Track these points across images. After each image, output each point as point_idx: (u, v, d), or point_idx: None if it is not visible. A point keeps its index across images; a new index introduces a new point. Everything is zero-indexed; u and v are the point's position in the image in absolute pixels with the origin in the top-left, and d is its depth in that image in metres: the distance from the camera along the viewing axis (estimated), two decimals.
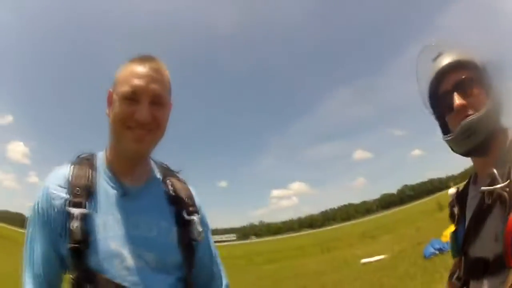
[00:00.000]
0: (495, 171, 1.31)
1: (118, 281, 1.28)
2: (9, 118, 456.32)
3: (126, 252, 1.32)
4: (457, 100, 1.42)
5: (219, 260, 1.69)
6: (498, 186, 1.27)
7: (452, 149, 1.51)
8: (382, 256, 14.54)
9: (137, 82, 1.33)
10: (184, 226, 1.46)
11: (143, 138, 1.36)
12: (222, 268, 1.69)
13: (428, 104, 1.61)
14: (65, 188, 1.35)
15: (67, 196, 1.33)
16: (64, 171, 1.40)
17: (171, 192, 1.52)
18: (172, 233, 1.44)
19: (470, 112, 1.39)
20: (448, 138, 1.48)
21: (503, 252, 1.21)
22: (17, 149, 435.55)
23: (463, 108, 1.40)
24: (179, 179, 1.61)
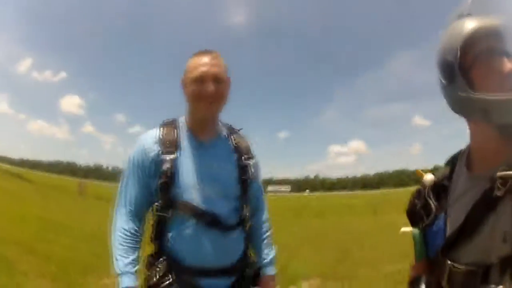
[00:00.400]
0: None
1: (194, 205, 1.92)
2: (62, 75, 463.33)
3: (200, 185, 1.94)
4: (509, 64, 1.16)
5: (263, 196, 2.33)
6: None
7: (480, 115, 1.20)
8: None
9: (202, 69, 1.93)
10: (242, 168, 2.10)
11: (211, 106, 1.98)
12: (266, 203, 2.35)
13: (453, 55, 1.22)
14: (157, 143, 1.97)
15: (160, 148, 1.95)
16: (155, 132, 2.03)
17: (234, 144, 2.14)
18: (234, 173, 2.07)
19: None
20: (493, 97, 1.13)
21: None
22: (72, 102, 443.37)
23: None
24: (239, 135, 2.22)
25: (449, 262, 1.25)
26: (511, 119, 1.12)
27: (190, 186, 1.94)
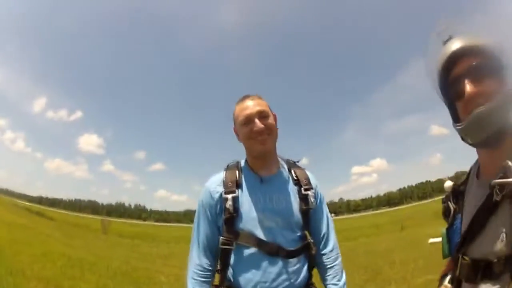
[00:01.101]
0: (510, 163, 1.20)
1: (257, 236, 2.03)
2: (78, 114, 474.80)
3: (262, 217, 2.06)
4: (469, 87, 1.29)
5: (331, 225, 2.35)
6: (511, 180, 1.17)
7: (462, 139, 1.39)
8: None
9: (246, 112, 2.12)
10: (302, 198, 2.17)
11: (265, 141, 2.11)
12: (332, 229, 2.34)
13: (438, 89, 1.45)
14: (221, 185, 2.14)
15: (223, 189, 2.12)
16: (219, 175, 2.21)
17: (294, 176, 2.25)
18: (296, 204, 2.15)
19: (481, 101, 1.26)
20: (459, 127, 1.34)
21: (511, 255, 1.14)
22: (90, 141, 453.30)
23: (474, 96, 1.28)
24: (299, 168, 2.33)
25: (460, 256, 1.41)
26: (472, 141, 1.34)
27: (252, 219, 2.06)
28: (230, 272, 2.09)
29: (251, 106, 2.14)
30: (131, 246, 22.96)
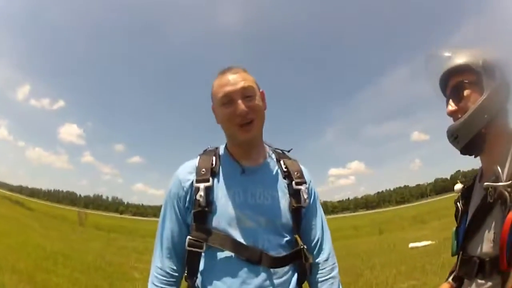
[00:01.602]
0: (498, 168, 1.34)
1: (233, 237, 1.65)
2: (60, 103, 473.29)
3: (241, 215, 1.68)
4: (449, 106, 1.53)
5: (326, 229, 1.96)
6: (501, 184, 1.29)
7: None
8: (428, 242, 14.48)
9: (226, 88, 1.70)
10: (293, 194, 1.79)
11: (249, 128, 1.71)
12: (327, 233, 1.96)
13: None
14: (192, 173, 1.75)
15: (194, 177, 1.73)
16: (193, 162, 1.82)
17: (283, 168, 1.87)
18: (284, 201, 1.78)
19: (460, 116, 1.48)
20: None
21: (499, 255, 1.22)
22: (71, 131, 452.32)
23: (453, 114, 1.52)
24: (290, 159, 1.95)
25: (460, 253, 1.57)
26: (458, 149, 1.52)
27: (228, 216, 1.68)
28: (198, 280, 1.71)
29: (233, 81, 1.72)
30: (107, 239, 22.76)
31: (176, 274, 1.76)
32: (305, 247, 1.80)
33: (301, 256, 1.77)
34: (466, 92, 1.48)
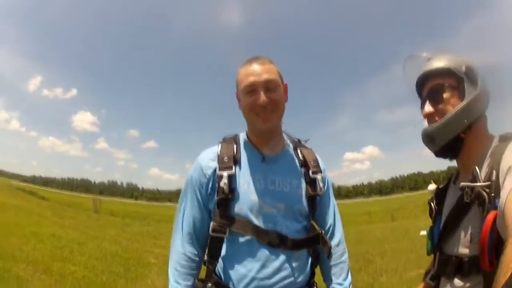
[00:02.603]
0: (477, 169, 1.35)
1: (255, 223, 1.73)
2: (73, 92, 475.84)
3: (262, 202, 1.75)
4: (426, 108, 1.54)
5: (338, 215, 2.05)
6: (478, 184, 1.30)
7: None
8: None
9: (250, 78, 1.75)
10: (310, 183, 1.88)
11: (268, 118, 1.77)
12: (339, 220, 2.05)
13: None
14: (215, 160, 1.82)
15: (217, 165, 1.80)
16: (214, 149, 1.89)
17: (300, 157, 1.95)
18: (301, 189, 1.86)
19: (437, 118, 1.50)
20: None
21: (479, 254, 1.21)
22: (84, 119, 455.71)
23: (429, 116, 1.53)
24: (306, 148, 2.03)
25: (437, 252, 1.59)
26: (432, 151, 1.57)
27: (250, 202, 1.76)
28: (220, 265, 1.79)
29: (258, 71, 1.78)
30: (122, 225, 22.96)
31: (197, 259, 1.84)
32: (323, 231, 1.89)
33: (318, 241, 1.86)
34: (446, 95, 1.50)
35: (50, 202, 42.84)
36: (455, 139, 1.47)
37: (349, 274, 1.99)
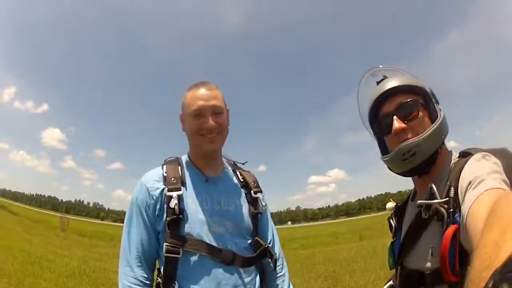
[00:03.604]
0: (434, 186, 1.37)
1: (207, 242, 1.76)
2: (44, 107, 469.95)
3: (211, 221, 1.81)
4: (396, 123, 1.50)
5: (275, 232, 2.18)
6: (436, 201, 1.33)
7: (390, 169, 1.63)
8: None
9: (199, 102, 1.83)
10: (252, 202, 2.00)
11: (214, 139, 1.87)
12: (277, 236, 2.19)
13: (367, 123, 1.74)
14: (160, 181, 1.83)
15: (164, 186, 1.81)
16: (157, 170, 1.91)
17: (240, 179, 2.07)
18: (244, 207, 1.96)
19: (410, 135, 1.48)
20: (386, 159, 1.59)
21: (440, 267, 1.21)
22: (53, 135, 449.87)
23: (401, 132, 1.49)
24: (245, 170, 2.15)
25: (398, 267, 1.62)
26: (398, 171, 1.58)
27: (200, 222, 1.79)
28: (175, 286, 1.73)
29: (206, 96, 1.86)
30: (89, 245, 22.54)
31: (148, 282, 1.79)
32: (269, 245, 1.99)
33: (265, 254, 1.95)
34: (420, 113, 1.50)
35: (19, 217, 42.79)
36: (434, 154, 1.48)
37: (291, 285, 2.14)
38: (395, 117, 1.52)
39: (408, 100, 1.52)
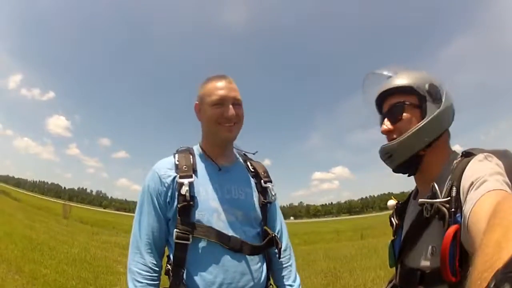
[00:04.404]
0: (436, 185, 1.39)
1: (217, 229, 1.78)
2: (50, 94, 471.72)
3: (221, 209, 1.83)
4: (384, 125, 1.58)
5: (284, 222, 2.20)
6: (438, 200, 1.33)
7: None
8: None
9: (221, 92, 1.87)
10: (262, 192, 2.03)
11: (232, 129, 1.91)
12: (285, 227, 2.20)
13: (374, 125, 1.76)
14: (172, 169, 1.86)
15: (176, 173, 1.84)
16: (169, 159, 1.94)
17: (251, 169, 2.10)
18: (254, 197, 1.99)
19: (395, 136, 1.53)
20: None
21: (440, 266, 1.21)
22: (58, 123, 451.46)
23: (387, 133, 1.57)
24: (255, 161, 2.17)
25: (398, 265, 1.62)
26: (390, 167, 1.61)
27: (211, 210, 1.82)
28: (184, 272, 1.75)
29: (228, 87, 1.91)
30: (91, 233, 22.70)
31: (158, 269, 1.82)
32: (276, 235, 2.00)
33: (273, 243, 1.96)
34: (406, 114, 1.53)
35: (22, 203, 43.14)
36: (413, 157, 1.52)
37: (298, 277, 2.13)
38: (385, 119, 1.59)
39: (396, 102, 1.56)
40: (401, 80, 1.57)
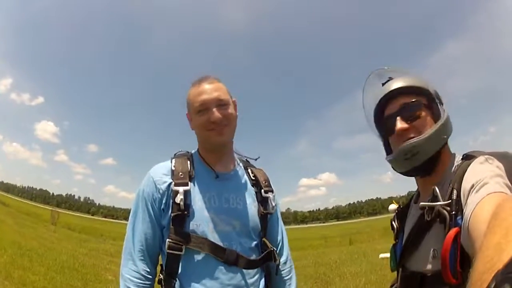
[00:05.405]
0: (437, 189, 1.37)
1: (211, 240, 1.70)
2: (40, 99, 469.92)
3: (218, 219, 1.75)
4: (399, 123, 1.51)
5: (285, 234, 2.12)
6: (438, 203, 1.32)
7: (394, 169, 1.61)
8: None
9: (202, 97, 1.80)
10: (262, 202, 1.93)
11: (222, 132, 1.81)
12: (286, 239, 2.11)
13: (372, 124, 1.74)
14: (168, 175, 1.79)
15: (171, 180, 1.76)
16: (166, 164, 1.85)
17: (252, 177, 2.00)
18: (254, 207, 1.89)
19: (412, 135, 1.48)
20: (389, 159, 1.59)
21: (441, 269, 1.19)
22: (46, 128, 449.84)
23: (404, 132, 1.50)
24: (257, 168, 2.08)
25: (400, 268, 1.61)
26: (401, 170, 1.57)
27: (206, 220, 1.74)
28: (177, 283, 1.71)
29: (208, 90, 1.82)
30: (79, 240, 22.54)
31: (150, 277, 1.76)
32: (275, 249, 1.91)
33: (271, 257, 1.88)
34: (423, 113, 1.51)
35: (11, 209, 42.94)
36: (437, 153, 1.48)
37: None
38: (398, 117, 1.53)
39: (411, 100, 1.53)
40: (412, 80, 1.58)
